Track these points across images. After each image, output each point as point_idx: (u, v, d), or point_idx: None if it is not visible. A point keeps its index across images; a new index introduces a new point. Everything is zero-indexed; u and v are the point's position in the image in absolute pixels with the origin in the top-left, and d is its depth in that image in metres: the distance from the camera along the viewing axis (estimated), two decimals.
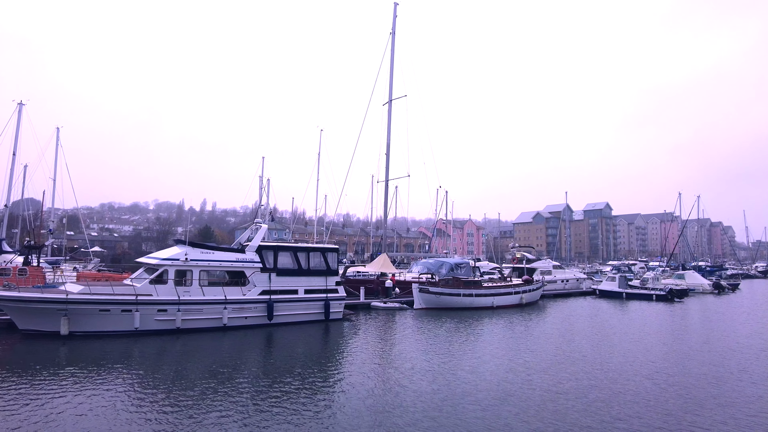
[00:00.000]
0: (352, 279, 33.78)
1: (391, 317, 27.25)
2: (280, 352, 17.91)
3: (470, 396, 12.22)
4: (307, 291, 23.73)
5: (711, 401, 12.03)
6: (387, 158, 38.69)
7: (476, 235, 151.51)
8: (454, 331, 22.70)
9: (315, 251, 24.27)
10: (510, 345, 19.61)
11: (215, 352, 17.50)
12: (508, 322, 26.05)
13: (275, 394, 12.05)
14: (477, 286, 31.97)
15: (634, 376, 14.56)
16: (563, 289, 46.62)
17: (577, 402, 11.75)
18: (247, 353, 17.50)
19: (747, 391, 13.09)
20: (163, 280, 20.70)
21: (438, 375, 14.35)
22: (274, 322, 22.57)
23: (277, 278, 22.98)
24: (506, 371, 14.95)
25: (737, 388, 13.31)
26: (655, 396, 12.45)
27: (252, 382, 13.30)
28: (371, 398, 11.91)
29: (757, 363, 16.80)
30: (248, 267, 22.56)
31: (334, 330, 22.68)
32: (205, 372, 14.30)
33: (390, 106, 39.00)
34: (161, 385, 12.77)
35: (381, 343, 19.81)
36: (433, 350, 18.20)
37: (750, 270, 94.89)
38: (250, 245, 23.10)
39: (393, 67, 39.36)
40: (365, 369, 15.06)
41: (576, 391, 12.72)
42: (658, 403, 11.83)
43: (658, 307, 35.10)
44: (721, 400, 12.20)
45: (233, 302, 21.63)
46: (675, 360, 17.02)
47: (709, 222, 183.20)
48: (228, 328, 21.45)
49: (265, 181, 76.35)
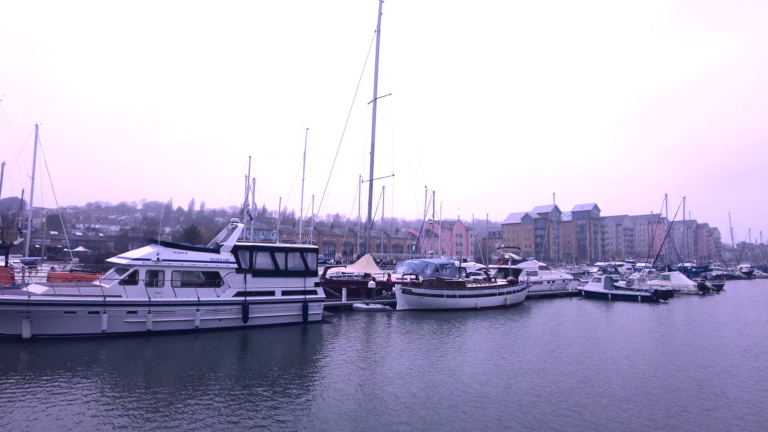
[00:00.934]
0: (334, 280, 33.18)
1: (373, 319, 26.73)
2: (255, 356, 17.32)
3: (448, 400, 11.87)
4: (285, 292, 23.10)
5: (695, 404, 11.71)
6: (371, 157, 38.19)
7: (465, 236, 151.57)
8: (435, 333, 22.23)
9: (293, 251, 23.65)
10: (491, 347, 19.18)
11: (187, 355, 16.88)
12: (491, 324, 25.66)
13: (249, 399, 11.61)
14: (460, 287, 31.56)
15: (617, 379, 14.22)
16: (549, 290, 46.43)
17: (558, 407, 11.37)
18: (220, 356, 16.89)
19: (729, 394, 12.87)
20: (134, 281, 19.99)
21: (416, 378, 13.95)
22: (249, 324, 21.92)
23: (253, 279, 22.34)
24: (486, 374, 14.58)
25: (720, 392, 13.04)
26: (638, 400, 12.11)
27: (225, 386, 12.80)
28: (348, 402, 11.57)
29: (739, 364, 16.62)
30: (223, 267, 21.89)
31: (312, 332, 22.11)
32: (177, 376, 13.77)
33: (375, 105, 38.51)
34: (130, 391, 12.21)
35: (359, 345, 19.27)
36: (412, 353, 17.73)
37: (734, 271, 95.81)
38: (225, 245, 22.44)
39: (378, 65, 38.87)
40: (343, 372, 14.61)
41: (557, 396, 12.34)
42: (641, 407, 11.48)
43: (643, 309, 34.96)
44: (705, 403, 11.91)
45: (207, 304, 20.96)
46: (657, 362, 16.71)
47: (695, 223, 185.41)
48: (201, 331, 20.78)
49: (251, 180, 75.50)
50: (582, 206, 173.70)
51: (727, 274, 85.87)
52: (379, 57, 39.01)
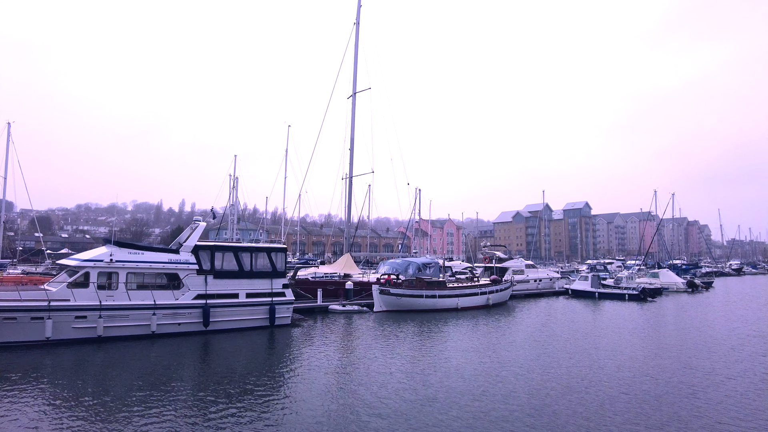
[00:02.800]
0: (309, 280, 32.00)
1: (348, 321, 25.58)
2: (216, 362, 16.11)
3: (422, 406, 11.22)
4: (250, 294, 21.86)
5: (679, 406, 10.71)
6: (351, 154, 37.01)
7: (456, 235, 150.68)
8: (411, 336, 21.13)
9: (259, 251, 22.40)
10: (468, 351, 18.14)
11: (142, 362, 15.76)
12: (471, 326, 24.59)
13: (208, 409, 10.81)
14: (441, 286, 30.46)
15: (598, 384, 13.30)
16: (536, 288, 45.53)
17: (536, 420, 10.38)
18: (178, 363, 15.78)
19: (714, 395, 12.12)
20: (85, 284, 18.70)
21: (387, 384, 13.10)
22: (211, 329, 20.67)
23: (215, 281, 21.09)
24: (460, 379, 13.77)
25: (708, 394, 12.17)
26: (619, 405, 11.25)
27: (182, 395, 11.93)
28: (315, 412, 10.84)
29: (724, 364, 15.87)
30: (182, 269, 20.63)
31: (280, 337, 20.91)
32: (130, 385, 12.84)
33: (354, 100, 37.32)
34: (78, 401, 11.24)
35: (329, 350, 18.11)
36: (385, 358, 16.70)
37: (724, 268, 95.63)
38: (185, 245, 21.18)
39: (357, 59, 37.69)
40: (309, 380, 13.71)
41: (533, 404, 11.45)
42: (624, 414, 10.55)
43: (630, 307, 34.06)
44: (691, 405, 10.96)
45: (163, 307, 19.69)
46: (642, 363, 15.71)
47: (686, 221, 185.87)
48: (158, 336, 19.52)
49: (236, 180, 74.03)
50: (573, 204, 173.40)
51: (717, 271, 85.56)
52: (358, 51, 37.86)
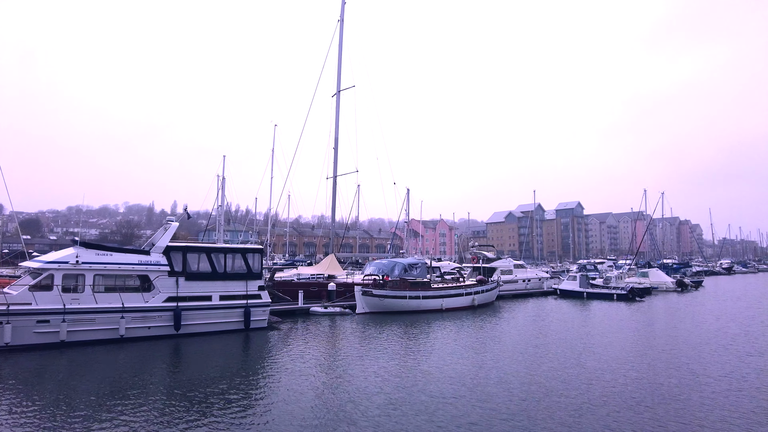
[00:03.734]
0: (292, 282, 31.36)
1: (329, 324, 24.97)
2: (186, 367, 15.51)
3: (393, 410, 10.88)
4: (224, 297, 21.20)
5: (659, 409, 10.20)
6: (335, 153, 36.40)
7: (449, 235, 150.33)
8: (391, 339, 20.53)
9: (233, 252, 21.72)
10: (447, 353, 17.58)
11: (108, 367, 15.15)
12: (453, 327, 24.03)
13: (179, 416, 10.38)
14: (425, 287, 29.90)
15: (578, 387, 12.83)
16: (525, 289, 45.06)
17: (510, 424, 9.94)
18: (147, 368, 15.15)
19: (695, 397, 11.72)
20: (48, 287, 17.98)
21: (362, 389, 12.65)
22: (182, 332, 20.00)
23: (187, 283, 20.41)
24: (436, 383, 13.31)
25: (690, 396, 11.65)
26: (597, 409, 10.83)
27: (151, 401, 11.47)
28: (287, 416, 10.52)
29: (707, 364, 15.46)
30: (153, 270, 19.94)
31: (255, 340, 20.28)
32: (95, 391, 12.27)
33: (338, 98, 36.74)
34: (38, 409, 10.69)
35: (306, 353, 17.48)
36: (363, 361, 16.17)
37: (715, 267, 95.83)
38: (157, 246, 20.48)
39: (341, 56, 37.14)
40: (284, 384, 13.22)
41: (509, 409, 11.06)
42: (601, 419, 10.12)
43: (617, 307, 33.68)
44: (671, 409, 10.48)
45: (132, 310, 18.99)
46: (624, 364, 15.21)
47: (678, 220, 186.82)
48: (127, 340, 18.83)
49: (223, 180, 73.23)
50: (565, 204, 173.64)
51: (708, 270, 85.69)
52: (342, 48, 37.30)
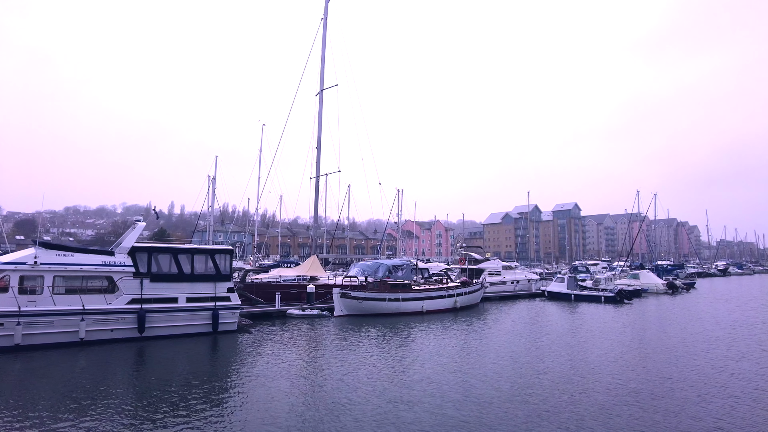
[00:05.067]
0: (269, 284, 30.81)
1: (306, 326, 24.42)
2: (148, 371, 15.04)
3: (353, 417, 10.55)
4: (190, 299, 20.65)
5: (628, 417, 9.69)
6: (318, 153, 35.86)
7: (444, 236, 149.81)
8: (367, 342, 19.99)
9: (201, 253, 21.16)
10: (419, 357, 17.09)
11: (66, 371, 14.66)
12: (430, 330, 23.47)
13: (140, 421, 10.00)
14: (405, 289, 29.34)
15: (544, 392, 12.28)
16: (513, 290, 44.52)
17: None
18: (106, 372, 14.68)
19: (668, 403, 11.16)
20: (4, 288, 17.43)
21: (328, 395, 12.28)
22: (147, 335, 19.47)
23: (152, 284, 19.86)
24: (399, 387, 12.99)
25: (664, 402, 11.21)
26: (563, 415, 10.48)
27: (111, 407, 11.10)
28: (252, 422, 10.23)
29: (683, 369, 14.96)
30: (117, 271, 19.40)
31: (223, 344, 19.72)
32: (50, 396, 11.84)
33: (321, 97, 36.22)
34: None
35: (277, 357, 16.99)
36: (335, 365, 15.73)
37: (710, 268, 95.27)
38: (122, 246, 19.95)
39: (324, 55, 36.63)
40: (250, 389, 12.79)
41: (469, 415, 10.62)
42: (565, 426, 9.70)
43: (603, 310, 33.12)
44: (644, 416, 10.05)
45: (93, 313, 18.46)
46: (596, 369, 14.67)
47: (675, 222, 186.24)
48: (88, 343, 18.29)
49: (213, 181, 72.66)
50: (562, 206, 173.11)
51: (702, 271, 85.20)
52: (326, 47, 36.80)
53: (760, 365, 16.09)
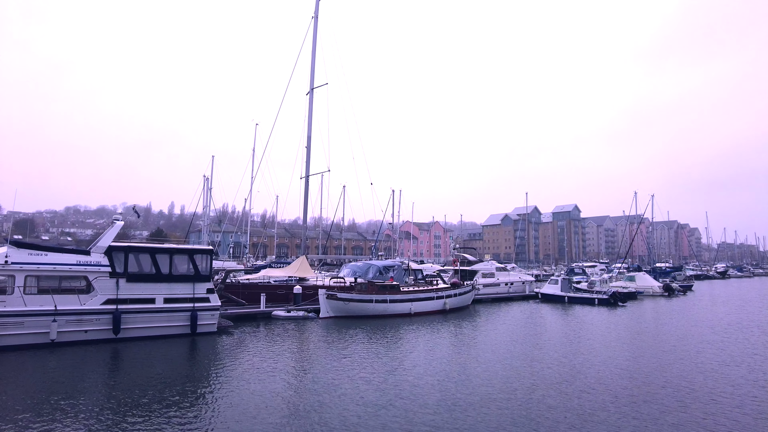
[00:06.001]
0: (255, 284, 30.37)
1: (290, 328, 23.97)
2: (119, 373, 14.66)
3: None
4: (168, 300, 20.22)
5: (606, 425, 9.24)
6: (308, 152, 35.44)
7: (443, 238, 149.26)
8: (351, 345, 19.52)
9: (180, 253, 20.73)
10: (398, 360, 16.62)
11: (35, 373, 14.27)
12: (418, 333, 22.99)
13: (111, 425, 9.79)
14: (393, 291, 28.87)
15: (521, 398, 11.76)
16: (507, 292, 44.04)
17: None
18: (77, 374, 14.29)
19: (647, 411, 10.83)
20: None
21: (297, 400, 11.86)
22: (122, 336, 19.06)
23: (128, 284, 19.45)
24: (375, 391, 12.52)
25: (641, 408, 10.71)
26: (538, 421, 10.06)
27: (81, 410, 10.77)
28: (224, 426, 9.94)
29: (667, 375, 14.36)
30: (92, 271, 19.00)
31: (202, 345, 19.28)
32: (21, 401, 11.44)
33: (311, 96, 35.79)
34: None
35: (255, 359, 16.58)
36: (314, 369, 15.29)
37: (710, 271, 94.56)
38: (98, 245, 19.55)
39: (315, 54, 36.22)
40: (226, 392, 12.44)
41: (438, 420, 10.24)
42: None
43: (595, 312, 32.61)
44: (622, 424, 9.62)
45: (66, 313, 18.05)
46: (579, 373, 14.21)
47: (676, 224, 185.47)
48: (59, 345, 17.88)
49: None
50: (562, 207, 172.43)
51: (701, 274, 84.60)
52: (316, 45, 36.41)
53: (748, 370, 15.66)
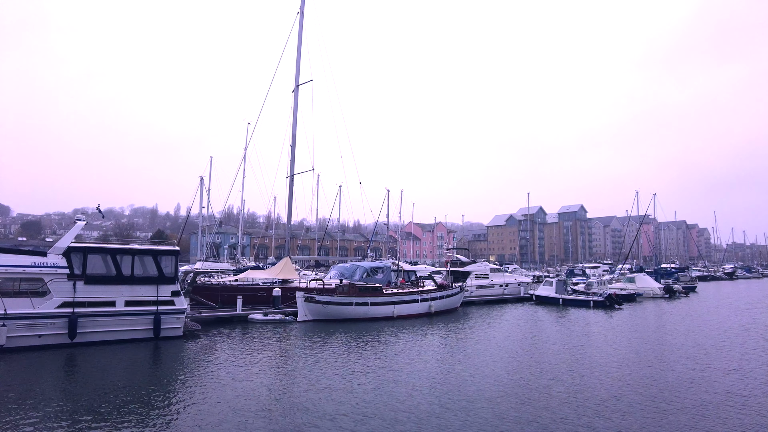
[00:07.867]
0: (231, 286, 29.53)
1: (265, 332, 23.10)
2: (70, 380, 13.99)
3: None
4: (129, 303, 19.43)
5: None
6: (292, 150, 34.60)
7: (447, 238, 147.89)
8: (327, 350, 18.66)
9: (143, 254, 19.92)
10: (369, 368, 15.72)
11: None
12: (396, 337, 22.02)
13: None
14: (375, 293, 27.87)
15: (503, 408, 10.90)
16: (501, 294, 42.81)
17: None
18: (27, 381, 13.61)
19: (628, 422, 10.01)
20: None
21: (258, 408, 11.30)
22: (79, 341, 18.27)
23: (87, 287, 18.66)
24: (349, 396, 12.14)
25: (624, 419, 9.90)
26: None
27: (28, 419, 10.33)
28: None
29: (656, 381, 13.36)
30: (48, 273, 18.23)
31: (165, 350, 18.48)
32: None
33: (296, 93, 34.95)
34: None
35: (222, 365, 15.82)
36: (286, 375, 14.59)
37: (717, 272, 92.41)
38: (56, 246, 18.79)
39: (300, 50, 35.40)
40: (186, 400, 11.86)
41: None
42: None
43: (589, 315, 31.35)
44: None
45: (16, 317, 17.30)
46: (563, 381, 13.17)
47: (684, 224, 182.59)
48: (10, 350, 17.14)
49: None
50: (568, 207, 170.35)
51: (708, 275, 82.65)
52: (302, 41, 35.60)
53: (741, 377, 14.58)
